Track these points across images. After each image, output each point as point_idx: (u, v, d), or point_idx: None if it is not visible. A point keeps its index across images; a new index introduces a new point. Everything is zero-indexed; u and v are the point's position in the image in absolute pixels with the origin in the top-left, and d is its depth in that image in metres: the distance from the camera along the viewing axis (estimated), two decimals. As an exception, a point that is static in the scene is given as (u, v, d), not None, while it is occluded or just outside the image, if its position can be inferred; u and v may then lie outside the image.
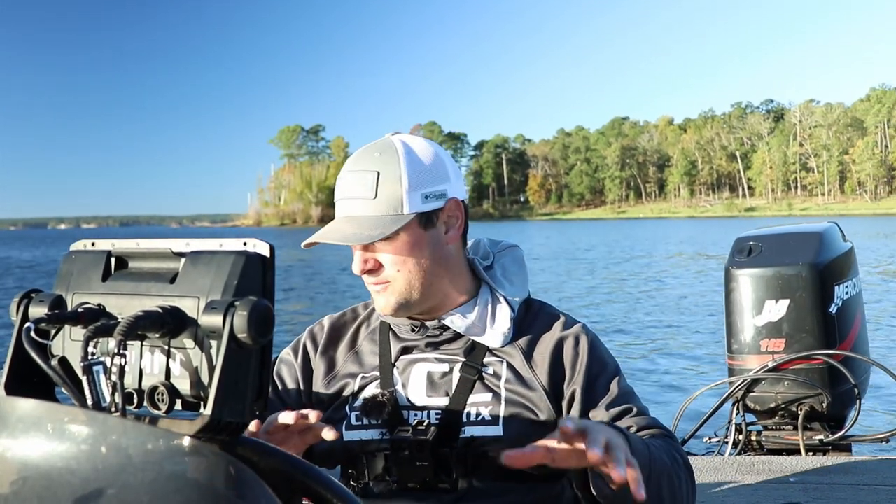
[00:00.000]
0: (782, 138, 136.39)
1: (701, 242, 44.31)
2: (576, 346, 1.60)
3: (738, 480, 2.95)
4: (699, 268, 26.63)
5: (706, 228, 64.64)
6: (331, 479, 0.88)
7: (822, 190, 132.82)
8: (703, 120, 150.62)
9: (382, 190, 1.52)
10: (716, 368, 9.07)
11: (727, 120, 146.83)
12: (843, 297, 3.84)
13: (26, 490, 0.70)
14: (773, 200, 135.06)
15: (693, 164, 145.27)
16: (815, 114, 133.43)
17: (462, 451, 1.52)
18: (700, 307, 16.09)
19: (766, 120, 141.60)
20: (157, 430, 0.72)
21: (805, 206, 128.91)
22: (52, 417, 0.73)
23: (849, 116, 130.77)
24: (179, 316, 0.85)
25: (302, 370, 1.68)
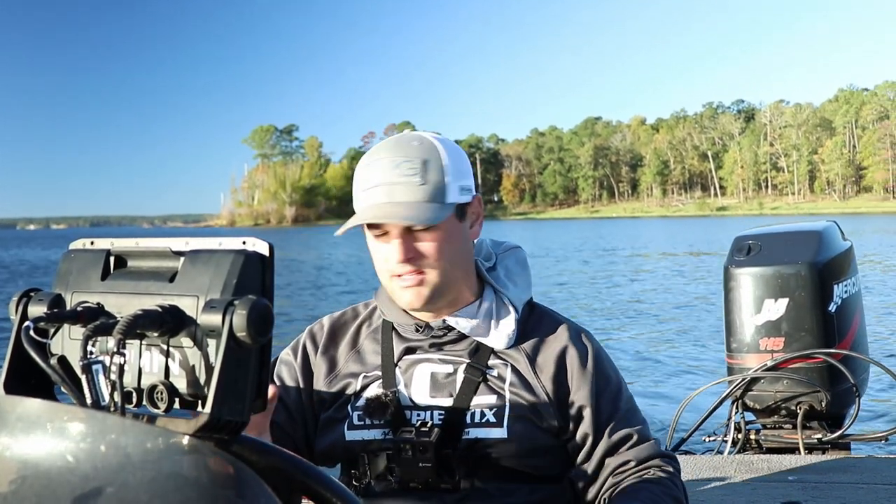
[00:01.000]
0: (753, 138, 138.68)
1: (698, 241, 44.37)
2: (581, 356, 1.60)
3: (737, 479, 2.95)
4: (697, 266, 26.64)
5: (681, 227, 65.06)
6: (330, 479, 0.87)
7: (793, 189, 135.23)
8: (675, 120, 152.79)
9: (429, 177, 1.51)
10: (715, 367, 9.08)
11: (699, 120, 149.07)
12: (843, 296, 3.85)
13: (25, 489, 0.70)
14: (745, 200, 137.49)
15: (665, 163, 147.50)
16: (784, 114, 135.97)
17: (465, 452, 1.52)
18: (699, 306, 16.09)
19: (737, 120, 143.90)
20: (156, 429, 0.72)
21: (776, 206, 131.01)
22: (52, 416, 0.73)
23: (817, 117, 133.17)
24: (178, 315, 0.85)
25: (302, 370, 1.67)
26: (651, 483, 1.53)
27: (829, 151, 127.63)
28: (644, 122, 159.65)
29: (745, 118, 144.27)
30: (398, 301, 1.59)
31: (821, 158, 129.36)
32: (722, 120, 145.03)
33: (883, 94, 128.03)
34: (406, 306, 1.58)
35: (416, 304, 1.56)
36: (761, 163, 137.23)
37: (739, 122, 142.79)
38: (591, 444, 1.57)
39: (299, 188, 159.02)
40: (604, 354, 1.64)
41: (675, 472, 1.59)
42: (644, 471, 1.56)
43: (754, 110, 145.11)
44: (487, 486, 1.52)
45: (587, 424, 1.57)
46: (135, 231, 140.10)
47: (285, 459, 0.87)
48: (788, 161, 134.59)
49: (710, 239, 43.88)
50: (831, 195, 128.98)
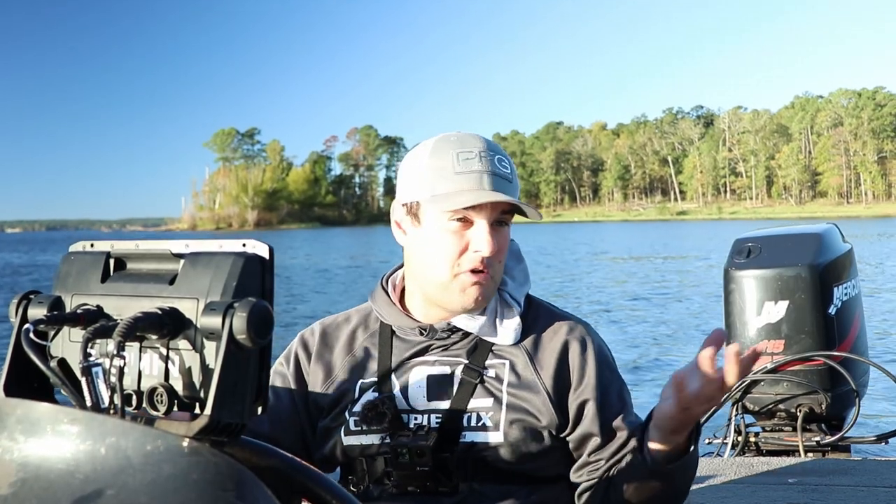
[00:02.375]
0: (712, 144, 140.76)
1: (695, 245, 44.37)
2: (582, 351, 1.59)
3: (737, 482, 2.95)
4: (694, 269, 26.63)
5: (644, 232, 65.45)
6: (330, 481, 0.88)
7: (751, 194, 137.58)
8: (636, 125, 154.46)
9: (514, 177, 1.56)
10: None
11: (659, 125, 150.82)
12: (843, 299, 3.85)
13: (25, 491, 0.70)
14: (704, 204, 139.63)
15: (626, 168, 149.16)
16: (742, 120, 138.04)
17: (462, 455, 1.51)
18: (699, 308, 16.08)
19: (697, 126, 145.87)
20: (156, 432, 0.72)
21: (734, 210, 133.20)
22: (52, 419, 0.73)
23: (774, 123, 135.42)
24: (178, 317, 0.85)
25: (295, 378, 1.65)
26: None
27: (785, 157, 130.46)
28: (605, 127, 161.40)
29: (705, 124, 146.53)
30: (458, 299, 1.54)
31: (778, 164, 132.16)
32: (681, 125, 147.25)
33: (837, 102, 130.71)
34: (467, 305, 1.54)
35: (481, 303, 1.55)
36: (720, 168, 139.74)
37: (699, 127, 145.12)
38: (591, 441, 1.56)
39: (261, 192, 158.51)
40: (605, 349, 1.64)
41: None
42: None
43: (713, 116, 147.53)
44: (485, 489, 1.52)
45: (587, 421, 1.56)
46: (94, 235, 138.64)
47: (285, 461, 0.87)
48: (746, 166, 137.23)
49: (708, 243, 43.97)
50: (788, 200, 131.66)
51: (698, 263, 29.91)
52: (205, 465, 0.70)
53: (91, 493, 0.68)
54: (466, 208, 1.49)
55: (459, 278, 1.52)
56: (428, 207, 1.53)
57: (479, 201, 1.47)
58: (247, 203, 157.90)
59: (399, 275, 1.69)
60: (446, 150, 1.53)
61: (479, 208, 1.50)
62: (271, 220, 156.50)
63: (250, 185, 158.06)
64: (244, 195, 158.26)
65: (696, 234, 39.86)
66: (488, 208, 1.50)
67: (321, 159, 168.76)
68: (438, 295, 1.56)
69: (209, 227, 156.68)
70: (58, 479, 0.70)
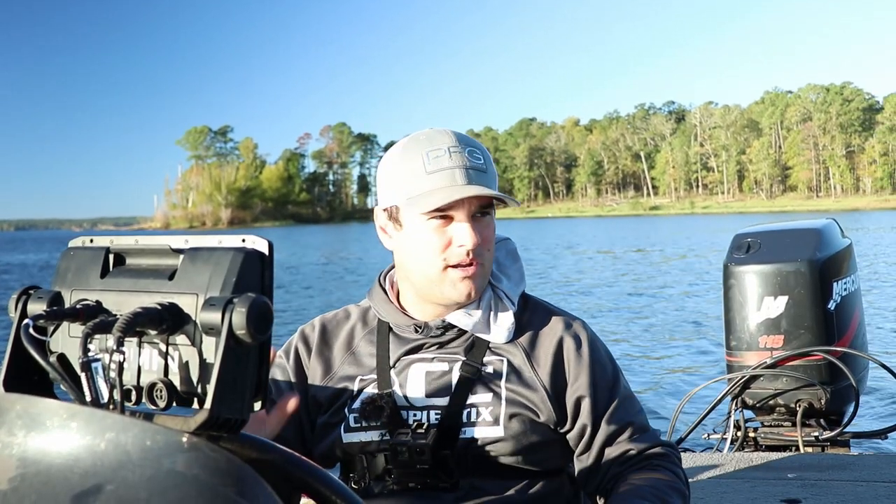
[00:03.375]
0: (684, 139, 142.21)
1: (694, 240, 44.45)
2: (578, 347, 1.60)
3: (736, 477, 2.96)
4: (695, 264, 26.64)
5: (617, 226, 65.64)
6: (330, 477, 0.88)
7: (722, 189, 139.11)
8: (609, 121, 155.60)
9: (489, 167, 1.55)
10: (714, 365, 9.09)
11: (631, 121, 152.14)
12: (842, 294, 3.85)
13: (25, 487, 0.70)
14: (676, 199, 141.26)
15: (599, 164, 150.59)
16: (713, 115, 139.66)
17: (462, 451, 1.51)
18: (698, 303, 16.10)
19: (668, 121, 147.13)
20: (155, 427, 0.72)
21: (706, 205, 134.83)
22: (51, 414, 0.73)
23: (745, 118, 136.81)
24: (178, 313, 0.85)
25: (295, 372, 1.66)
26: (654, 475, 1.53)
27: (756, 152, 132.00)
28: (578, 123, 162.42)
29: (676, 119, 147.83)
30: (447, 294, 1.55)
31: (749, 159, 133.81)
32: (653, 121, 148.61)
33: (806, 97, 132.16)
34: (459, 299, 1.55)
35: (473, 295, 1.55)
36: (692, 163, 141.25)
37: (670, 123, 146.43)
38: (590, 435, 1.57)
39: (235, 190, 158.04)
40: (599, 343, 1.64)
41: (676, 461, 1.59)
42: (645, 461, 1.56)
43: (685, 111, 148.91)
44: (486, 485, 1.52)
45: (585, 415, 1.57)
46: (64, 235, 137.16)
47: (285, 457, 0.87)
48: (718, 161, 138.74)
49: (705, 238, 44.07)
50: (759, 194, 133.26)
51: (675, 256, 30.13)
52: (204, 460, 0.70)
53: (90, 488, 0.68)
54: (445, 207, 1.50)
55: (448, 273, 1.53)
56: (406, 210, 1.54)
57: (451, 199, 1.48)
58: (220, 201, 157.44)
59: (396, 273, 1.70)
60: (416, 151, 1.53)
61: (457, 203, 1.50)
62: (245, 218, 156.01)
63: (223, 184, 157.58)
64: (217, 193, 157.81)
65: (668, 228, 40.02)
66: (466, 202, 1.50)
67: (294, 157, 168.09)
68: (431, 291, 1.57)
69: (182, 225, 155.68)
70: (57, 474, 0.70)
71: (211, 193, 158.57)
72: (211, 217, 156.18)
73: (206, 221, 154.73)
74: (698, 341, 11.68)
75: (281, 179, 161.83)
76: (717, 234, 42.70)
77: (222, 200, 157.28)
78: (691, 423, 4.06)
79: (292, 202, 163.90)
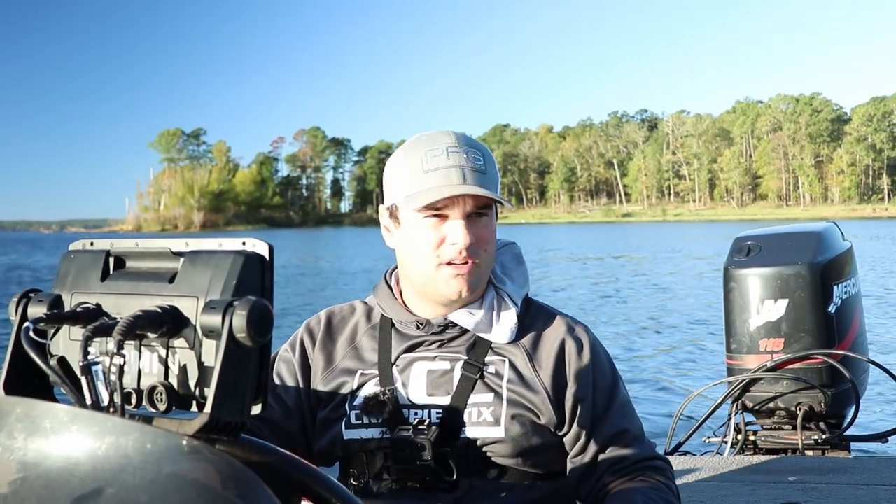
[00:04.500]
0: (656, 147, 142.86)
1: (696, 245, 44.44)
2: (579, 350, 1.61)
3: (737, 480, 2.95)
4: (695, 268, 26.65)
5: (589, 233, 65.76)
6: (330, 479, 0.88)
7: (694, 196, 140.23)
8: (582, 128, 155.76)
9: (490, 169, 1.56)
10: (715, 368, 9.08)
11: (604, 128, 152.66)
12: (842, 297, 3.85)
13: (25, 490, 0.70)
14: (649, 206, 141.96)
15: (572, 170, 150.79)
16: (686, 124, 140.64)
17: (462, 450, 1.52)
18: (699, 307, 16.09)
19: (641, 129, 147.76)
20: (155, 430, 0.72)
21: (678, 212, 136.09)
22: (51, 417, 0.73)
23: (716, 127, 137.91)
24: (178, 316, 0.85)
25: (300, 366, 1.67)
26: (647, 487, 1.54)
27: (727, 160, 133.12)
28: (551, 129, 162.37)
29: (649, 127, 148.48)
30: (442, 292, 1.56)
31: (720, 167, 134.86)
32: (626, 129, 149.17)
33: (776, 107, 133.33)
34: (452, 297, 1.56)
35: (465, 294, 1.56)
36: (664, 171, 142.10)
37: (643, 130, 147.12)
38: (585, 438, 1.57)
39: (207, 193, 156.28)
40: (601, 348, 1.65)
41: (669, 475, 1.60)
42: (639, 472, 1.57)
43: (657, 119, 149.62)
44: (485, 485, 1.52)
45: (583, 418, 1.57)
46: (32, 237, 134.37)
47: (285, 460, 0.87)
48: (690, 169, 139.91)
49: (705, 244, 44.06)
50: (730, 202, 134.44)
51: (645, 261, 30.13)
52: (205, 463, 0.70)
53: (91, 491, 0.68)
54: (440, 205, 1.52)
55: (442, 270, 1.55)
56: (404, 208, 1.56)
57: (440, 196, 1.50)
58: (193, 204, 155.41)
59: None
60: (416, 150, 1.57)
61: (452, 202, 1.52)
62: (218, 221, 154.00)
63: (196, 187, 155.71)
64: (190, 196, 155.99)
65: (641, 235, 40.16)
66: (461, 201, 1.52)
67: (268, 160, 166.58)
68: (427, 288, 1.59)
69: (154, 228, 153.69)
70: (57, 477, 0.70)
71: (183, 196, 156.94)
72: (183, 220, 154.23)
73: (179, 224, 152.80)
74: (698, 344, 11.68)
75: (254, 183, 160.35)
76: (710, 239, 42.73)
77: (195, 203, 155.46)
78: (691, 427, 4.06)
79: (265, 206, 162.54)
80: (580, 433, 1.57)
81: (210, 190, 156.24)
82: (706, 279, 21.45)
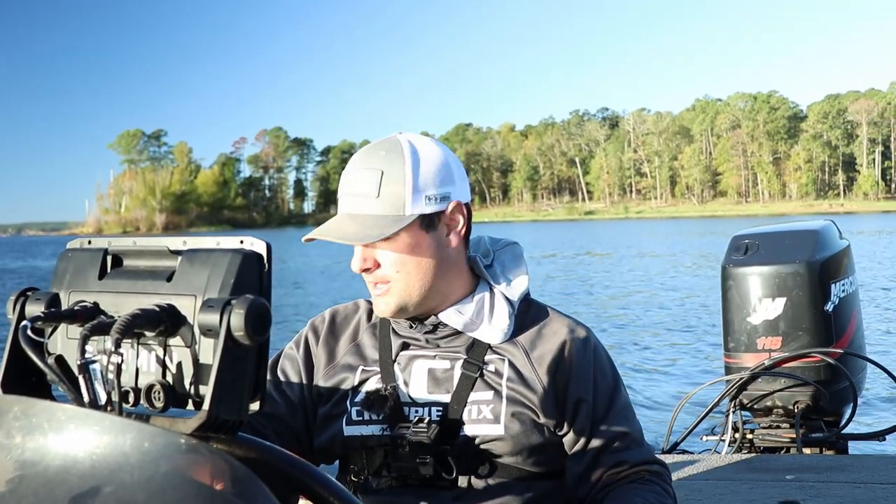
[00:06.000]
0: (618, 145, 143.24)
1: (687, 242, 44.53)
2: (580, 350, 1.61)
3: (734, 478, 2.96)
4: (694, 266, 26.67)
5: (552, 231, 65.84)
6: (328, 478, 0.88)
7: (655, 194, 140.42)
8: (544, 127, 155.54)
9: (385, 190, 1.52)
10: (712, 366, 9.09)
11: (566, 127, 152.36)
12: (840, 295, 3.85)
13: (23, 488, 0.70)
14: (611, 204, 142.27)
15: (535, 169, 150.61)
16: (646, 122, 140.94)
17: (462, 448, 1.52)
18: (697, 305, 16.11)
19: (603, 127, 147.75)
20: (153, 429, 0.72)
21: (640, 210, 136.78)
22: (49, 416, 0.73)
23: (677, 125, 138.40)
24: (176, 314, 0.85)
25: (304, 363, 1.68)
26: (644, 489, 1.54)
27: (687, 158, 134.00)
28: (514, 128, 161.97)
29: (610, 125, 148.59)
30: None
31: (680, 164, 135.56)
32: (588, 127, 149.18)
33: (735, 105, 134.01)
34: (380, 314, 1.61)
35: (385, 313, 1.59)
36: (626, 168, 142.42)
37: (605, 129, 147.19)
38: (585, 439, 1.58)
39: (169, 195, 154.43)
40: (602, 349, 1.65)
41: (666, 478, 1.60)
42: (637, 475, 1.57)
43: (618, 118, 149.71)
44: (485, 483, 1.53)
45: (583, 418, 1.57)
46: None
47: (283, 459, 0.87)
48: (651, 167, 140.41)
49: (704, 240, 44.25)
50: (690, 199, 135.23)
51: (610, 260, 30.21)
52: (203, 461, 0.70)
53: (89, 489, 0.68)
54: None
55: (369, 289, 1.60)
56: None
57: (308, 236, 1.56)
58: (154, 206, 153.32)
59: None
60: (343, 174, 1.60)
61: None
62: (180, 223, 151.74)
63: (158, 188, 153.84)
64: (152, 198, 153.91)
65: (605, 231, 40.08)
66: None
67: (230, 161, 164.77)
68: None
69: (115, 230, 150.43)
70: (55, 476, 0.70)
71: (145, 198, 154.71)
72: (145, 222, 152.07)
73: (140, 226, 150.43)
74: (696, 343, 11.69)
75: (216, 184, 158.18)
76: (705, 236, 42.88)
77: (157, 205, 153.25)
78: (689, 425, 4.06)
79: (228, 207, 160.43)
80: (580, 434, 1.58)
81: (172, 191, 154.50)
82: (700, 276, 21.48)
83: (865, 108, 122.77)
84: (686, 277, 22.72)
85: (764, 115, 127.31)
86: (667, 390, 8.54)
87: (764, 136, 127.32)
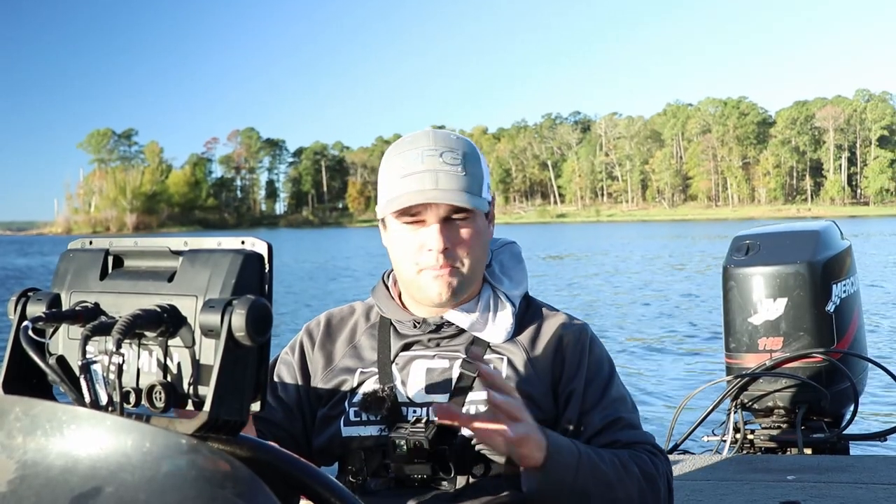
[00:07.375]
0: (589, 148, 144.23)
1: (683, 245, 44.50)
2: (576, 345, 1.61)
3: (735, 479, 2.95)
4: (694, 267, 26.67)
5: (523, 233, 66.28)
6: (329, 478, 0.88)
7: (627, 197, 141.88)
8: (516, 130, 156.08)
9: (470, 168, 1.55)
10: (714, 367, 9.08)
11: (538, 130, 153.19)
12: (841, 296, 3.85)
13: (24, 489, 0.70)
14: (583, 207, 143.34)
15: (507, 172, 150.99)
16: (618, 126, 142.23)
17: (460, 449, 1.52)
18: (698, 306, 16.10)
19: (575, 131, 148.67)
20: (154, 429, 0.72)
21: (611, 213, 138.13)
22: (50, 416, 0.73)
23: (648, 129, 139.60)
24: (177, 315, 0.85)
25: (300, 367, 1.68)
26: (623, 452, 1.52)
27: (658, 162, 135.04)
28: (486, 131, 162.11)
29: (582, 129, 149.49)
30: (425, 294, 1.57)
31: (651, 168, 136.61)
32: (560, 130, 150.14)
33: (705, 110, 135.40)
34: (434, 299, 1.57)
35: (445, 296, 1.56)
36: (597, 172, 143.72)
37: (576, 132, 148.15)
38: (574, 427, 1.57)
39: (140, 195, 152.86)
40: (598, 344, 1.66)
41: (659, 461, 1.56)
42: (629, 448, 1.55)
43: (590, 122, 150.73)
44: (483, 483, 1.53)
45: (575, 409, 1.58)
46: None
47: (284, 459, 0.87)
48: (622, 170, 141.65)
49: (708, 238, 44.15)
50: (661, 203, 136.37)
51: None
52: (203, 462, 0.70)
53: (89, 490, 0.68)
54: (413, 210, 1.53)
55: (422, 275, 1.56)
56: (385, 213, 1.57)
57: (409, 203, 1.51)
58: (125, 206, 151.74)
59: None
60: (395, 155, 1.58)
61: (426, 207, 1.52)
62: (151, 223, 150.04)
63: (128, 188, 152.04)
64: (122, 198, 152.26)
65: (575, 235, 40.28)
66: (435, 206, 1.52)
67: (201, 161, 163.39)
68: (412, 291, 1.61)
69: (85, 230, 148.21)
70: (56, 476, 0.70)
71: (115, 198, 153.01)
72: (115, 222, 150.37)
73: (111, 226, 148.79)
74: (697, 343, 11.68)
75: (188, 184, 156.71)
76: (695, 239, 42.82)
77: (127, 205, 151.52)
78: (690, 426, 4.06)
79: (199, 207, 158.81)
80: (569, 422, 1.58)
81: (143, 191, 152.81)
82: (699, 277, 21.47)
83: (832, 114, 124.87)
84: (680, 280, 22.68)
85: (734, 120, 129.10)
86: (668, 391, 8.53)
87: (734, 141, 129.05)
